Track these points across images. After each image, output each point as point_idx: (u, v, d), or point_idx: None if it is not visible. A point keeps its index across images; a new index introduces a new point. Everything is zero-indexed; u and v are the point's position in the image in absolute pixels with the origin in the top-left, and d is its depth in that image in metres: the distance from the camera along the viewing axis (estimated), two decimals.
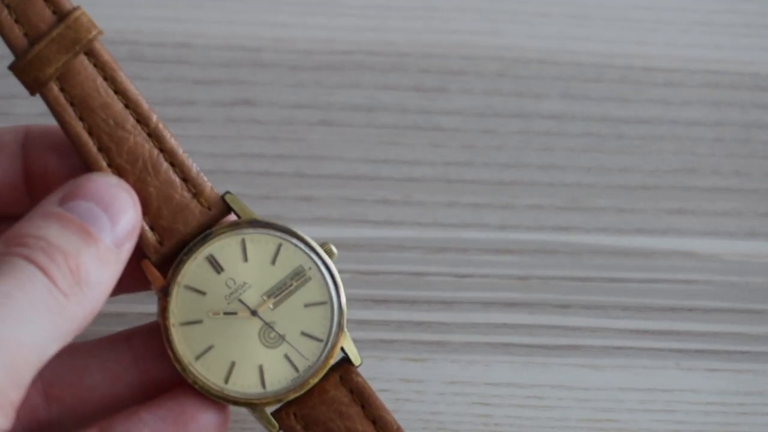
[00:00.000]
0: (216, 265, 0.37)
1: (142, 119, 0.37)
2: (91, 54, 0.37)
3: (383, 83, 0.47)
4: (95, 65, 0.37)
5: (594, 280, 0.45)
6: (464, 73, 0.47)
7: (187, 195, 0.37)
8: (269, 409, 0.37)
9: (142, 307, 0.43)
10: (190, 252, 0.37)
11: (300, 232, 0.38)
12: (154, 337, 0.38)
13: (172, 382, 0.38)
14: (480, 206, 0.46)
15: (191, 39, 0.47)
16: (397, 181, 0.46)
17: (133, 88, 0.37)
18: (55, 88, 0.37)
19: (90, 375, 0.39)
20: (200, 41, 0.47)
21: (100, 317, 0.38)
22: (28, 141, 0.38)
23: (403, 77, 0.47)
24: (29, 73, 0.36)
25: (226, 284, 0.37)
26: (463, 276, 0.45)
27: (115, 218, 0.35)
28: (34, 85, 0.37)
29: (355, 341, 0.38)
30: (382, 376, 0.43)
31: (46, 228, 0.34)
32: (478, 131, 0.47)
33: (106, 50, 0.37)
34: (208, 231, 0.37)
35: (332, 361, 0.37)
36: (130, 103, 0.37)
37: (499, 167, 0.46)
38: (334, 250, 0.38)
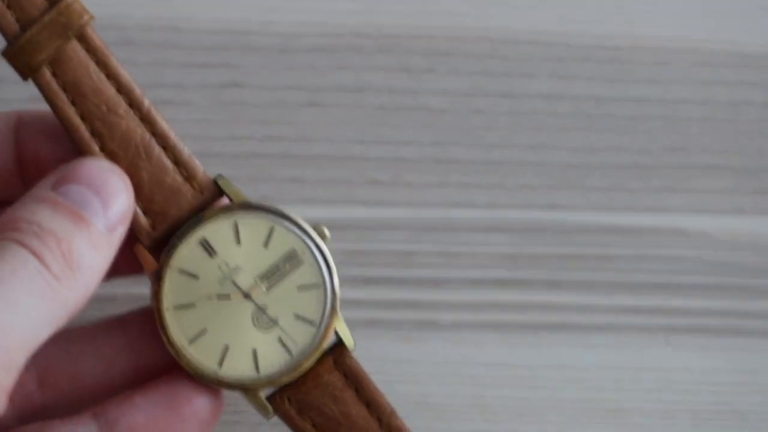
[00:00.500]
0: (209, 249, 0.37)
1: (134, 104, 0.37)
2: (82, 39, 0.37)
3: (371, 65, 0.47)
4: (87, 50, 0.37)
5: (584, 258, 0.45)
6: (452, 54, 0.47)
7: (179, 179, 0.37)
8: (263, 394, 0.37)
9: (134, 289, 0.43)
10: (183, 236, 0.37)
11: (293, 215, 0.38)
12: (149, 322, 0.38)
13: (166, 367, 0.38)
14: (469, 186, 0.46)
15: (180, 23, 0.47)
16: (386, 161, 0.46)
17: (125, 73, 0.37)
18: (47, 73, 0.37)
19: (84, 360, 0.39)
20: (189, 25, 0.47)
21: (91, 300, 0.38)
22: (21, 126, 0.38)
23: (391, 58, 0.47)
24: (21, 59, 0.36)
25: (219, 268, 0.37)
26: (452, 255, 0.45)
27: (107, 202, 0.35)
28: (26, 71, 0.37)
29: (345, 321, 0.38)
30: (373, 357, 0.43)
31: (39, 212, 0.34)
32: (466, 111, 0.47)
33: (97, 35, 0.37)
34: (200, 214, 0.37)
35: (326, 344, 0.37)
36: (122, 88, 0.37)
37: (488, 147, 0.46)
38: (327, 232, 0.38)
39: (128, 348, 0.39)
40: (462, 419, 0.43)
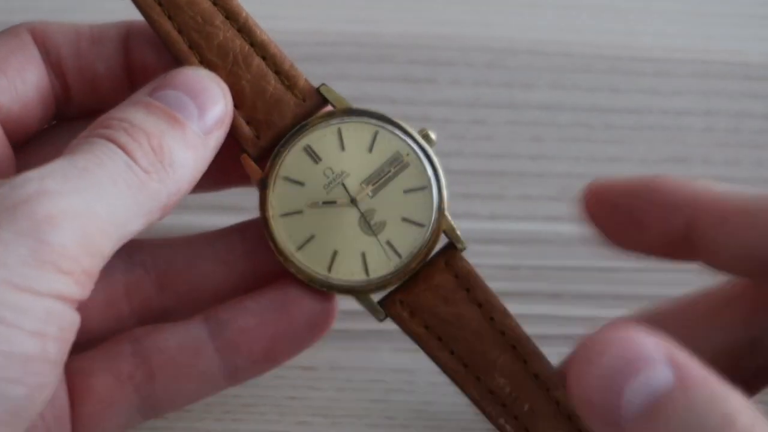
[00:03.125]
0: (313, 156, 0.37)
1: (231, 15, 0.37)
2: None
3: (371, 74, 0.47)
4: None
5: (585, 270, 0.45)
6: (453, 63, 0.47)
7: (281, 87, 0.37)
8: (375, 297, 0.37)
9: None
10: (287, 143, 0.37)
11: (396, 119, 0.38)
12: None
13: (283, 274, 0.39)
14: (470, 196, 0.46)
15: None
16: None
17: None
18: None
19: (203, 265, 0.39)
20: None
21: None
22: (131, 36, 0.39)
23: (391, 68, 0.47)
24: None
25: (324, 174, 0.37)
26: None
27: (204, 107, 0.36)
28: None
29: (344, 332, 0.38)
30: (373, 367, 0.43)
31: (132, 113, 0.35)
32: (467, 122, 0.47)
33: None
34: (304, 122, 0.37)
35: (434, 246, 0.37)
36: (218, 1, 0.37)
37: (488, 157, 0.46)
38: (432, 136, 0.38)
39: (246, 254, 0.39)
40: (462, 429, 0.43)
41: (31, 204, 0.31)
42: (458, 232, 0.37)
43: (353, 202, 0.37)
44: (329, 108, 0.38)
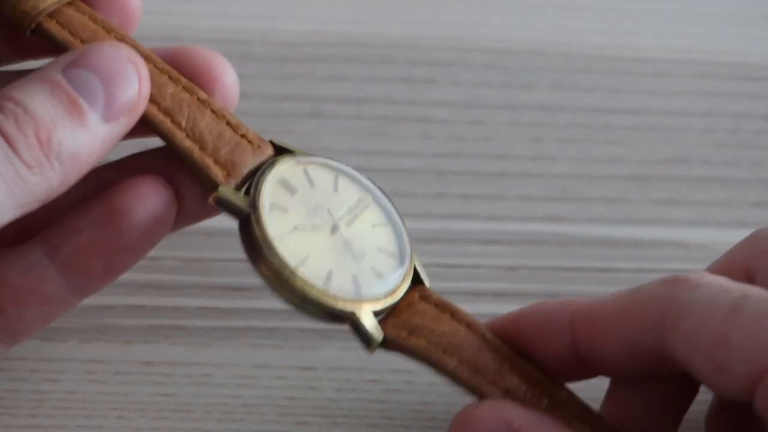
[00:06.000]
0: (289, 188, 0.37)
1: (173, 76, 0.37)
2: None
3: (372, 75, 0.47)
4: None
5: (584, 270, 0.45)
6: (453, 64, 0.47)
7: (236, 136, 0.37)
8: (370, 322, 0.37)
9: (132, 300, 0.43)
10: (263, 175, 0.37)
11: (349, 168, 0.38)
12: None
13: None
14: (469, 197, 0.46)
15: (180, 32, 0.47)
16: (386, 172, 0.46)
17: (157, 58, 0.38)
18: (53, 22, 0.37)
19: None
20: (189, 34, 0.47)
21: (91, 308, 0.38)
22: None
23: (391, 69, 0.47)
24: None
25: (304, 203, 0.37)
26: (452, 267, 0.45)
27: (113, 92, 0.34)
28: (25, 21, 0.36)
29: (344, 332, 0.37)
30: (372, 367, 0.43)
31: (33, 95, 0.33)
32: (467, 122, 0.47)
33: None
34: (272, 159, 0.37)
35: (411, 275, 0.38)
36: (158, 64, 0.37)
37: (488, 158, 0.46)
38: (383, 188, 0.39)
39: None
40: None
41: None
42: (422, 269, 0.38)
43: (336, 228, 0.37)
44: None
